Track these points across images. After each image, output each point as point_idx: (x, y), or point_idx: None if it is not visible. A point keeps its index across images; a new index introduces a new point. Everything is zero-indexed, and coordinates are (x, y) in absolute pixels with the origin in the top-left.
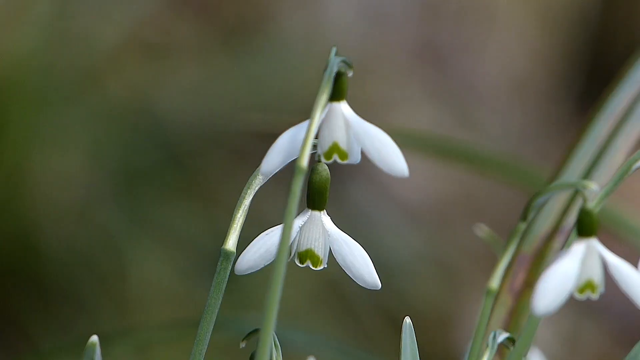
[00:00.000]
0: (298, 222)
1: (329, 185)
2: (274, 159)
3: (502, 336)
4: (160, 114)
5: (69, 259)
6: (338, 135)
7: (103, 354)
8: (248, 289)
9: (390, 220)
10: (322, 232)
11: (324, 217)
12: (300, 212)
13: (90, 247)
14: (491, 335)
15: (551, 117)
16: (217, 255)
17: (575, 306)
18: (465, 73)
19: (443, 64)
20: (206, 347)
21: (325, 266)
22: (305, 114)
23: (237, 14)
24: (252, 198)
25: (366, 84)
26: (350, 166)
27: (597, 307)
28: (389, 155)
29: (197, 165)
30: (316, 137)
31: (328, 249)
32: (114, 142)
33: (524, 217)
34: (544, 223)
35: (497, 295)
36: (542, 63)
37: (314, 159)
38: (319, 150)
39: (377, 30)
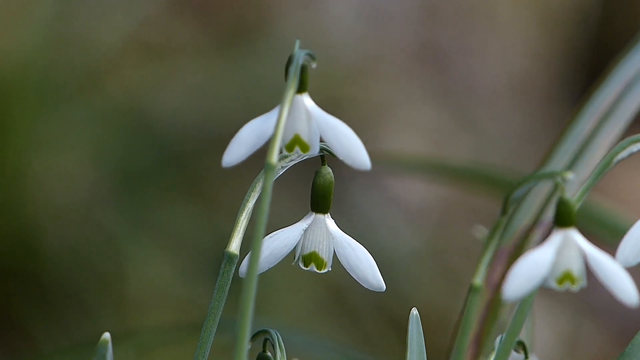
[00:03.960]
0: (302, 225)
1: (333, 188)
2: (236, 151)
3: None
4: (160, 115)
5: (69, 261)
6: (300, 127)
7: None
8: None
9: (390, 221)
10: (326, 235)
11: (328, 220)
12: (304, 215)
13: (91, 249)
14: (497, 339)
15: (551, 118)
16: (216, 257)
17: (575, 307)
18: (466, 74)
19: (443, 65)
20: (209, 349)
21: (330, 269)
22: None
23: (237, 16)
24: (255, 201)
25: (366, 85)
26: (350, 167)
27: (597, 307)
28: (352, 147)
29: (196, 166)
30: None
31: (332, 251)
32: (114, 143)
33: (504, 211)
34: (523, 217)
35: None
36: (542, 64)
37: (319, 163)
38: (281, 142)
39: (377, 32)
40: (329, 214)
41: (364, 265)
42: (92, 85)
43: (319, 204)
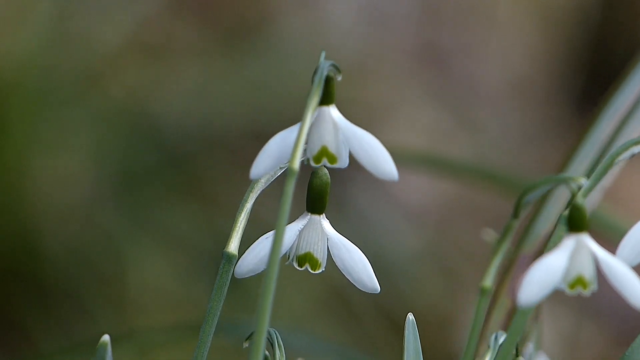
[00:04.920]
0: (297, 226)
1: (329, 189)
2: (263, 163)
3: (504, 337)
4: (160, 115)
5: (69, 261)
6: (327, 139)
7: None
8: (249, 291)
9: (390, 222)
10: (321, 235)
11: (323, 221)
12: (300, 215)
13: (91, 249)
14: (492, 337)
15: (551, 118)
16: (216, 257)
17: (576, 307)
18: (466, 75)
19: (443, 66)
20: (208, 349)
21: (323, 269)
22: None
23: (237, 16)
24: (254, 201)
25: (367, 85)
26: (350, 168)
27: (598, 308)
28: (378, 158)
29: (196, 167)
30: (306, 142)
31: (327, 252)
32: (114, 143)
33: (515, 214)
34: (544, 224)
35: (496, 296)
36: (542, 65)
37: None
38: (308, 154)
39: (378, 32)
40: (324, 214)
41: (359, 267)
42: (93, 85)
43: (315, 204)
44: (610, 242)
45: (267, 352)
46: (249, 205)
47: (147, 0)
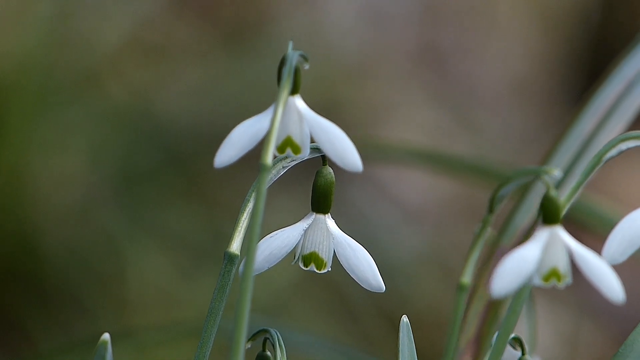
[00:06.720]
0: (302, 225)
1: (334, 188)
2: (227, 153)
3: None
4: (160, 115)
5: (69, 260)
6: (292, 129)
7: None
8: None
9: (389, 222)
10: (326, 235)
11: (328, 221)
12: (305, 215)
13: (90, 249)
14: (494, 336)
15: (551, 118)
16: (216, 257)
17: (576, 307)
18: (466, 76)
19: (443, 67)
20: (210, 348)
21: (329, 269)
22: None
23: (237, 16)
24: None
25: (367, 85)
26: None
27: (598, 308)
28: (343, 149)
29: (197, 167)
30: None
31: (332, 252)
32: (114, 143)
33: (490, 209)
34: (524, 217)
35: (475, 289)
36: (542, 65)
37: (320, 163)
38: None
39: (378, 33)
40: (329, 214)
41: (364, 266)
42: (93, 85)
43: (320, 204)
44: (592, 231)
45: (268, 352)
46: (251, 205)
47: (147, 0)
